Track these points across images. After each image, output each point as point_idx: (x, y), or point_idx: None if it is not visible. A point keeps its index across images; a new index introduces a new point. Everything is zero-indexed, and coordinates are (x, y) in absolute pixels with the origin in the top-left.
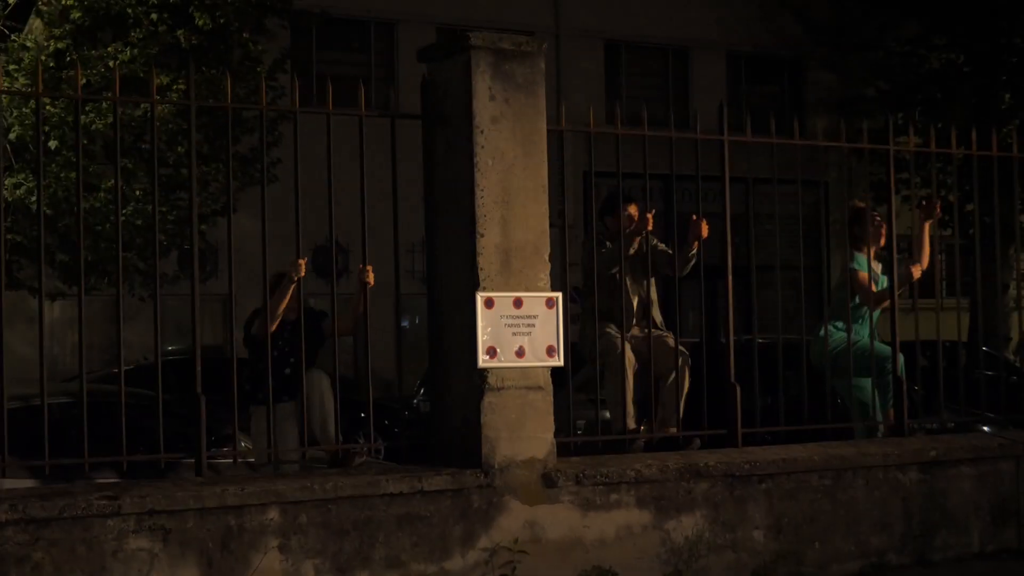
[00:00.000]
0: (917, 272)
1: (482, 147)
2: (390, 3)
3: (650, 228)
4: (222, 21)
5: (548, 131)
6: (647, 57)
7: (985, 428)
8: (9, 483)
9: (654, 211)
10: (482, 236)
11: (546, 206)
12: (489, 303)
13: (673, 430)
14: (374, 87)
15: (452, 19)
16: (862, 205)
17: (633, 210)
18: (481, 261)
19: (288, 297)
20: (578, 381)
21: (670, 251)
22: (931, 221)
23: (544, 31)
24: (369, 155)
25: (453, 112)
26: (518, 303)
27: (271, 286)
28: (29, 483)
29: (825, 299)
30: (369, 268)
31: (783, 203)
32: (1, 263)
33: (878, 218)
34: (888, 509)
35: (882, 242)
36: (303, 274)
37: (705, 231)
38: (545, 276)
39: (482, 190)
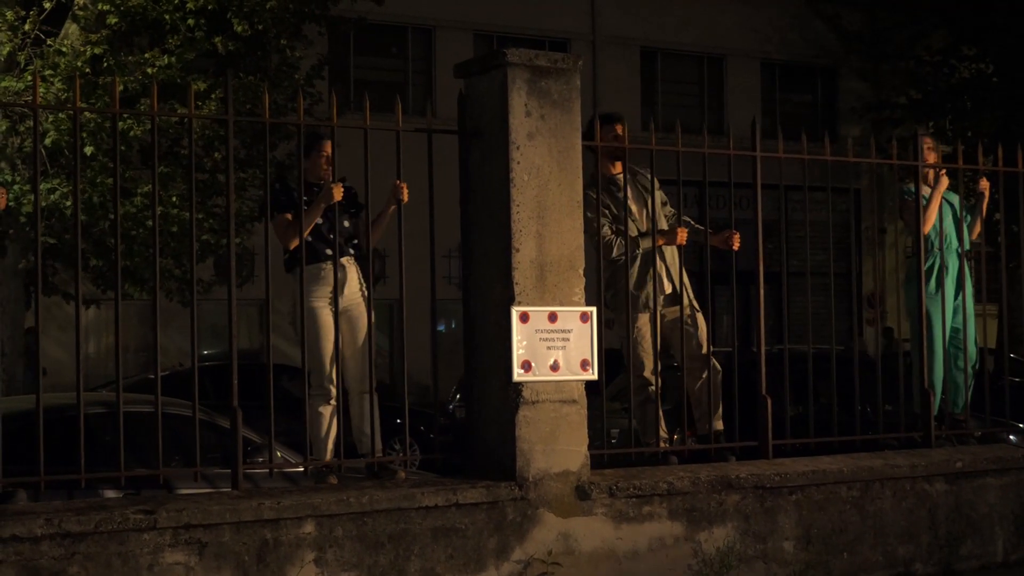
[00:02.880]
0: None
1: (518, 162)
2: (427, 9)
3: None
4: (260, 27)
5: (583, 146)
6: (682, 64)
7: (1012, 438)
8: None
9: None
10: (517, 251)
11: (581, 221)
12: (524, 317)
13: (719, 424)
14: (411, 93)
15: (489, 26)
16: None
17: (620, 129)
18: (516, 275)
19: (317, 215)
20: (612, 390)
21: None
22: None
23: (580, 38)
24: (406, 161)
25: (489, 127)
26: (553, 317)
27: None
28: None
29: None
30: (404, 185)
31: (814, 210)
32: (38, 269)
33: (928, 144)
34: (915, 519)
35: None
36: (339, 199)
37: (736, 244)
38: (580, 290)
39: (518, 205)
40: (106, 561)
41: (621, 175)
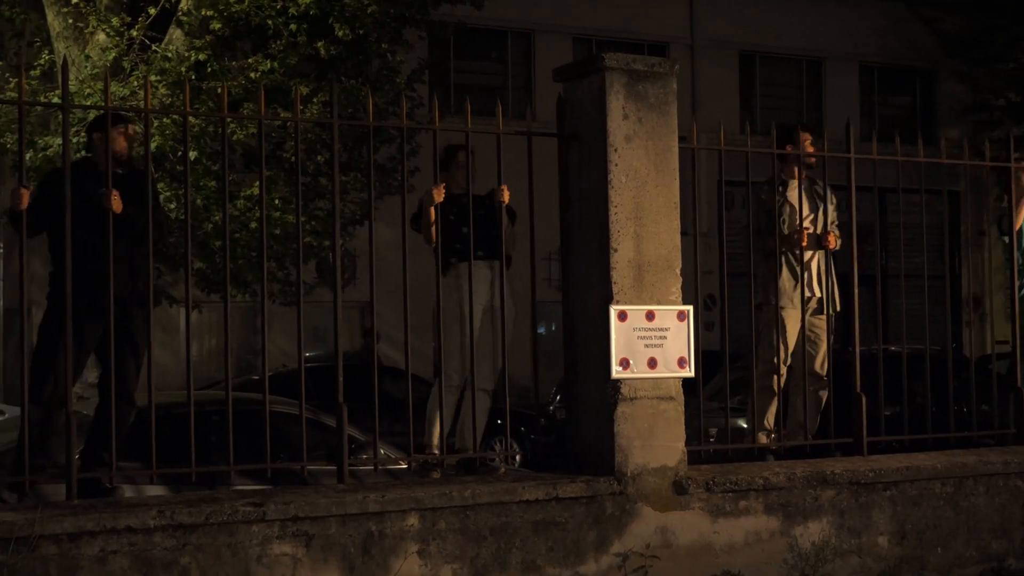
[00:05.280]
0: None
1: (616, 165)
2: (527, 13)
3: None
4: (361, 32)
5: (680, 148)
6: (781, 67)
7: None
8: (155, 490)
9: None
10: (615, 251)
11: (677, 221)
12: (622, 316)
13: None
14: (511, 96)
15: (588, 30)
16: None
17: (807, 139)
18: (615, 275)
19: (433, 218)
20: (710, 390)
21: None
22: None
23: (679, 41)
24: (506, 164)
25: (588, 130)
26: (650, 316)
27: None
28: (158, 490)
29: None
30: (504, 187)
31: (913, 213)
32: (149, 273)
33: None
34: (1008, 515)
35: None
36: (439, 200)
37: (832, 244)
38: (677, 290)
39: (616, 206)
40: (216, 552)
41: (795, 180)
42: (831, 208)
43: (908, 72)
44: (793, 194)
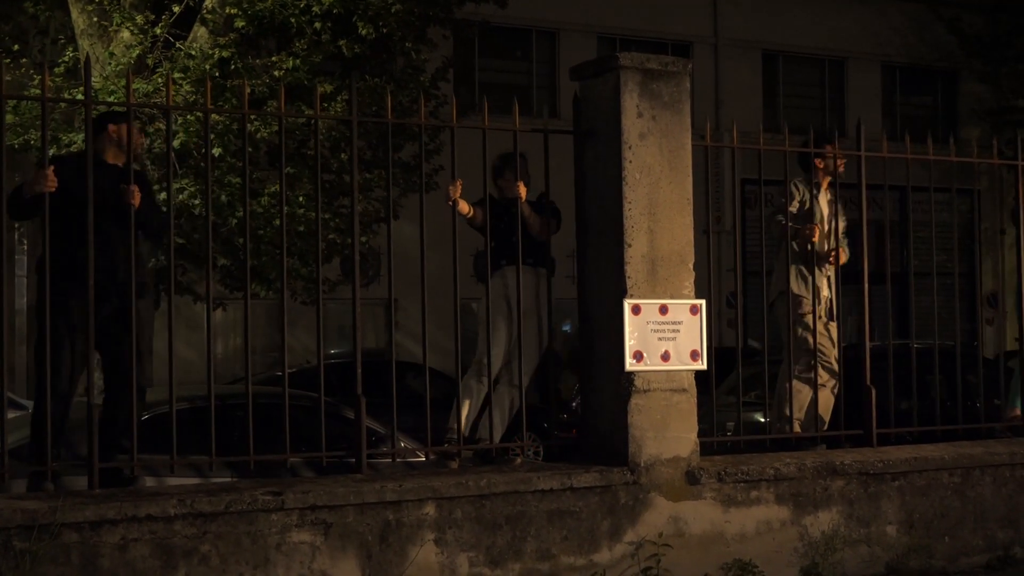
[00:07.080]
0: None
1: (630, 162)
2: (551, 12)
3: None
4: (385, 31)
5: (693, 146)
6: (804, 67)
7: None
8: (175, 481)
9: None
10: (630, 246)
11: (690, 217)
12: (636, 310)
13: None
14: (535, 95)
15: (612, 29)
16: None
17: (829, 151)
18: (629, 270)
19: (465, 212)
20: (726, 387)
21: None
22: None
23: (703, 41)
24: (537, 163)
25: (603, 128)
26: (664, 310)
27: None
28: (195, 481)
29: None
30: (520, 183)
31: (933, 211)
32: (171, 269)
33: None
34: (1014, 505)
35: None
36: (458, 194)
37: (844, 258)
38: (690, 284)
39: (630, 203)
40: (236, 540)
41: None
42: (840, 220)
43: (930, 72)
44: (821, 199)
